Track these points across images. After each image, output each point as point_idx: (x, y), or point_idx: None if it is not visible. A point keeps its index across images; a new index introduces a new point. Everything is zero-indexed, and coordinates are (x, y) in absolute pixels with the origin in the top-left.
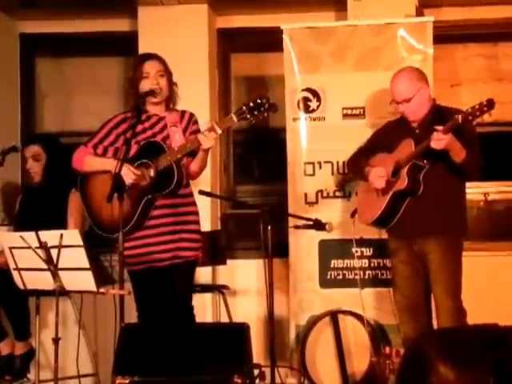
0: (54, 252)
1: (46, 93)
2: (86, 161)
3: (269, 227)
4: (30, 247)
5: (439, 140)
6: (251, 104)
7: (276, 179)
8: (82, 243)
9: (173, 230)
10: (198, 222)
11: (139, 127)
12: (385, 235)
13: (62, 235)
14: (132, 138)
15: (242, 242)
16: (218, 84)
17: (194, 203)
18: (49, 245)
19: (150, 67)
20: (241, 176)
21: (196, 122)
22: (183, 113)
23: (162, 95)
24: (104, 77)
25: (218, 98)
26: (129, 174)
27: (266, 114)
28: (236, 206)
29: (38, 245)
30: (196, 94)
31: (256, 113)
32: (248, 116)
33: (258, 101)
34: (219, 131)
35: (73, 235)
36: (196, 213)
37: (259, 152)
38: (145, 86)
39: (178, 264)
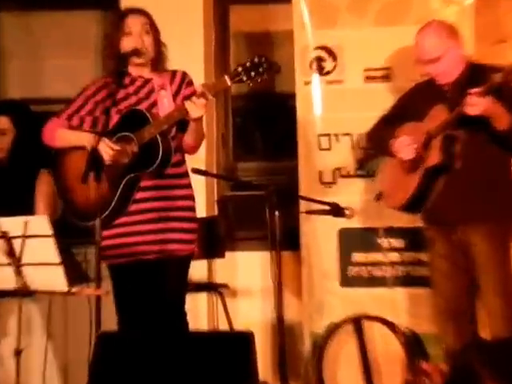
0: (17, 243)
1: (11, 53)
2: (59, 134)
3: (276, 213)
4: None
5: (474, 105)
6: (247, 64)
7: (284, 155)
8: (51, 232)
9: (159, 216)
10: (192, 209)
11: (121, 93)
12: (420, 223)
13: (26, 223)
14: (112, 106)
15: (244, 231)
16: (214, 42)
17: (188, 186)
18: (11, 234)
19: (133, 23)
20: (242, 151)
21: (191, 84)
22: (174, 73)
23: (147, 55)
24: (80, 34)
25: (214, 59)
26: (107, 150)
27: (265, 76)
28: (236, 186)
29: None
30: (189, 54)
31: (253, 74)
32: (244, 78)
33: (256, 60)
34: (210, 97)
35: (40, 223)
36: (190, 197)
37: (264, 122)
38: (127, 44)
39: (167, 259)
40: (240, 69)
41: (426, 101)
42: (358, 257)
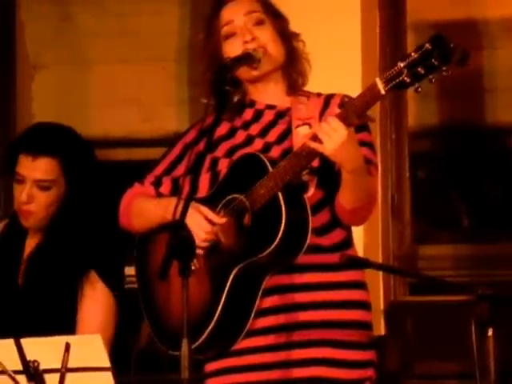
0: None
1: (39, 63)
2: (135, 208)
3: (489, 332)
4: (4, 372)
5: None
6: (413, 55)
7: (503, 232)
8: (108, 364)
9: (294, 339)
10: (364, 324)
11: (239, 135)
12: None
13: (68, 346)
14: (223, 157)
15: (431, 362)
16: (380, 38)
17: (355, 283)
18: (42, 367)
19: (232, 11)
20: (427, 227)
21: None
22: (328, 98)
23: (268, 60)
24: (144, 29)
25: (380, 62)
26: (202, 224)
27: (445, 72)
28: (418, 286)
29: (20, 367)
30: (340, 56)
31: (423, 71)
32: (407, 80)
33: (427, 46)
34: (354, 119)
35: (92, 346)
36: (362, 303)
37: (464, 176)
38: (230, 48)
39: None
40: (402, 64)
41: None
42: None
